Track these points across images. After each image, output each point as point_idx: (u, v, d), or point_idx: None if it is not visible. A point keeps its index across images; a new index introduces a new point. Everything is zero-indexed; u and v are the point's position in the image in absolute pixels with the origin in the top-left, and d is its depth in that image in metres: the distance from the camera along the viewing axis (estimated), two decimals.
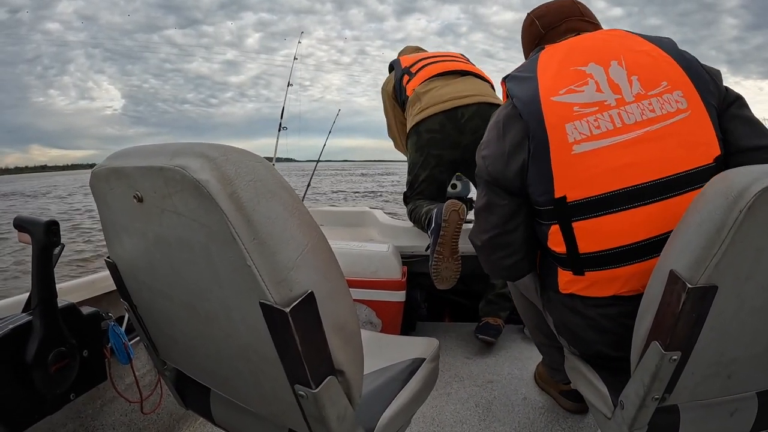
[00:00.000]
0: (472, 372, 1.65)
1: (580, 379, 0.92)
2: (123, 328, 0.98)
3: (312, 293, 0.52)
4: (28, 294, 0.81)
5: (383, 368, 0.83)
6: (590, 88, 0.79)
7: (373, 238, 2.20)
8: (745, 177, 0.58)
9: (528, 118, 0.81)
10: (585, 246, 0.80)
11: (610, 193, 0.77)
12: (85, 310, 0.91)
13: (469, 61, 1.98)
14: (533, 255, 0.95)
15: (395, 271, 1.69)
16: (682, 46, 0.85)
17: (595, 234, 0.79)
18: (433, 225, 1.53)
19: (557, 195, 0.80)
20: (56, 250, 0.79)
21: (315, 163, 3.24)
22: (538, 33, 1.00)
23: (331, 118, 3.45)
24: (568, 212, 0.79)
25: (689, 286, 0.59)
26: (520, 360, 1.73)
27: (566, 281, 0.85)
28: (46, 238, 0.75)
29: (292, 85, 3.33)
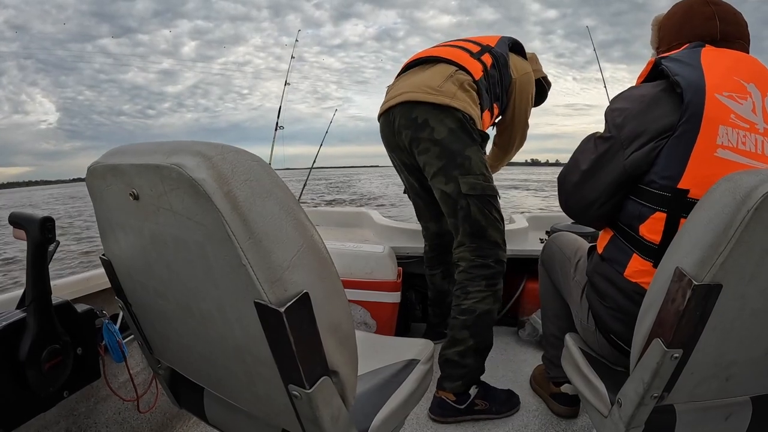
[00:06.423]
0: None
1: (578, 375, 0.92)
2: (117, 326, 0.98)
3: (307, 293, 0.52)
4: (22, 290, 0.81)
5: (377, 369, 0.83)
6: (748, 105, 0.78)
7: (369, 239, 2.21)
8: (754, 178, 0.58)
9: (691, 99, 0.78)
10: None
11: None
12: (80, 307, 0.91)
13: (471, 40, 1.64)
14: (607, 221, 0.94)
15: (390, 272, 1.69)
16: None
17: None
18: None
19: (681, 186, 0.78)
20: (51, 247, 0.78)
21: (309, 169, 3.30)
22: (713, 34, 0.89)
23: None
24: (684, 206, 0.78)
25: (695, 283, 0.59)
26: (515, 362, 1.74)
27: (638, 270, 0.84)
28: (41, 235, 0.75)
29: (289, 84, 3.34)
